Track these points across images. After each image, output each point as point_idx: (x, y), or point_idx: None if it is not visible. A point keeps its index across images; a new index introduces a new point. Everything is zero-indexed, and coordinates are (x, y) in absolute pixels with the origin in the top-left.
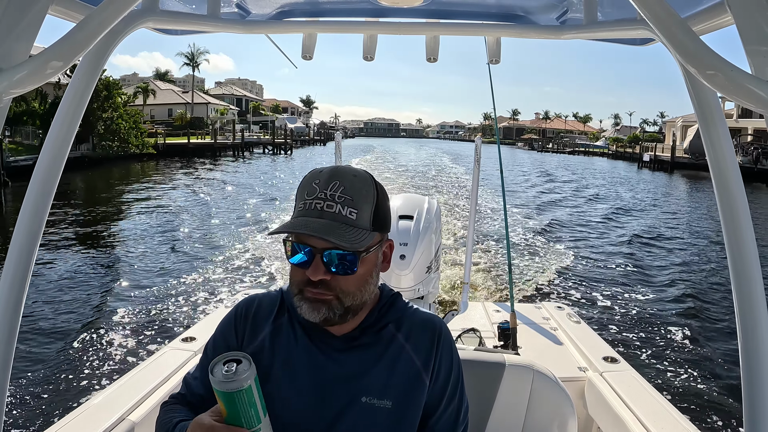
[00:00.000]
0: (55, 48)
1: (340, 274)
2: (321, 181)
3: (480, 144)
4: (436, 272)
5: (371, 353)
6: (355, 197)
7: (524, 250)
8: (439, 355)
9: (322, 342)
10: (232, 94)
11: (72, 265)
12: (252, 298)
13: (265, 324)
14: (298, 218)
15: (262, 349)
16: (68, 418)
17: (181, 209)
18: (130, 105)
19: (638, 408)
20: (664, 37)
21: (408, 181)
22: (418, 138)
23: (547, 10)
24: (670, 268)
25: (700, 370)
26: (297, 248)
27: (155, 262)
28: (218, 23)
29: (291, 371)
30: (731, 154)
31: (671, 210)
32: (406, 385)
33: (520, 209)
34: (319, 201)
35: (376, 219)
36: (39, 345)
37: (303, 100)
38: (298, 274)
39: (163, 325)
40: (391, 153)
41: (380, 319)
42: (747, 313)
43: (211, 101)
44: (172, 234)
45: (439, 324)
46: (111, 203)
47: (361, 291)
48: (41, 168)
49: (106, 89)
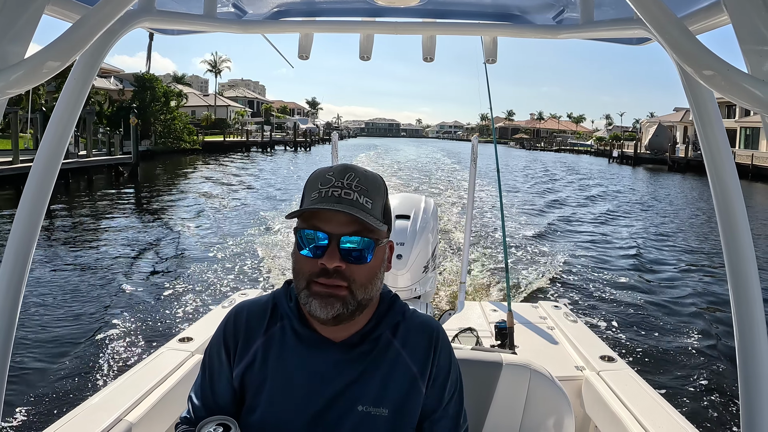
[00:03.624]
0: (52, 48)
1: (355, 264)
2: (335, 173)
3: (476, 144)
4: (433, 272)
5: (368, 361)
6: (370, 188)
7: (520, 249)
8: (437, 360)
9: (318, 351)
10: (245, 97)
11: (72, 264)
12: (240, 307)
13: (257, 335)
14: (315, 203)
15: (254, 362)
16: (65, 418)
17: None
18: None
19: (635, 407)
20: (660, 36)
21: (408, 174)
22: (417, 138)
23: (543, 10)
24: (670, 267)
25: (697, 368)
26: (311, 235)
27: (156, 261)
28: (214, 23)
29: (285, 383)
30: (728, 153)
31: (640, 199)
32: (402, 392)
33: (517, 208)
34: (336, 189)
35: (385, 213)
36: (37, 345)
37: (309, 102)
38: (308, 265)
39: (161, 326)
40: (392, 151)
41: (379, 323)
42: (744, 313)
43: (231, 104)
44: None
45: (436, 328)
46: (175, 189)
47: (372, 284)
48: (38, 167)
49: (164, 96)
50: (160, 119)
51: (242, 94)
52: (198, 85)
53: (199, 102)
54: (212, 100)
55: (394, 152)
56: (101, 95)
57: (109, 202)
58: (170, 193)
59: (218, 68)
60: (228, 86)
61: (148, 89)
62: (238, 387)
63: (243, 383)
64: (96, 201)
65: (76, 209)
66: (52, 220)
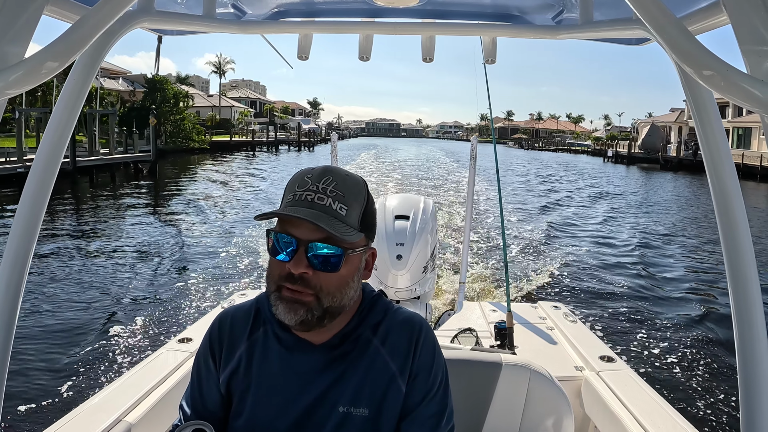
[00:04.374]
0: (51, 48)
1: (322, 271)
2: (313, 176)
3: (476, 144)
4: (433, 272)
5: (347, 361)
6: (347, 194)
7: (520, 249)
8: (417, 356)
9: (300, 353)
10: (248, 97)
11: (71, 264)
12: (225, 314)
13: (240, 341)
14: (287, 207)
15: (239, 368)
16: (65, 419)
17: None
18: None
19: (635, 407)
20: (659, 36)
21: (409, 171)
22: (418, 138)
23: (542, 10)
24: (669, 267)
25: (696, 368)
26: (281, 239)
27: (161, 259)
28: (214, 23)
29: (269, 387)
30: (727, 152)
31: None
32: (381, 391)
33: (516, 207)
34: (310, 193)
35: (364, 221)
36: (36, 345)
37: (310, 102)
38: (278, 269)
39: (160, 326)
40: (393, 150)
41: (360, 323)
42: (743, 312)
43: (235, 105)
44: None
45: (418, 323)
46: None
47: (341, 292)
48: (38, 167)
49: (174, 98)
50: (170, 119)
51: (245, 94)
52: (199, 86)
53: (203, 102)
54: (216, 101)
55: (394, 151)
56: (113, 96)
57: (130, 196)
58: (185, 189)
59: (222, 69)
60: (230, 87)
61: (158, 91)
62: (225, 392)
63: (229, 388)
64: (117, 195)
65: (99, 202)
66: (64, 216)
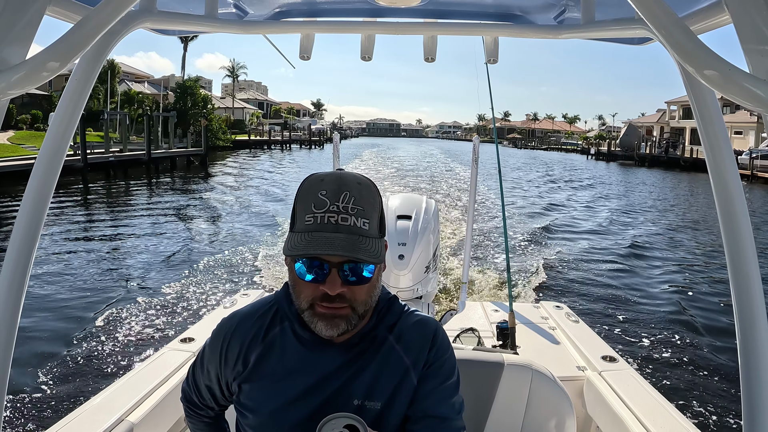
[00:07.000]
0: (53, 49)
1: (356, 285)
2: (329, 193)
3: (478, 144)
4: (435, 272)
5: (364, 357)
6: (366, 207)
7: (521, 249)
8: (432, 354)
9: (320, 352)
10: (256, 99)
11: (71, 263)
12: (233, 317)
13: (255, 344)
14: (313, 234)
15: (254, 367)
16: (67, 419)
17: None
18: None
19: (637, 407)
20: (661, 36)
21: (409, 169)
22: (418, 137)
23: (544, 10)
24: (670, 267)
25: (698, 368)
26: (311, 264)
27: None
28: (216, 23)
29: (286, 384)
30: (729, 151)
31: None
32: (394, 385)
33: (517, 207)
34: (333, 214)
35: (380, 224)
36: (38, 345)
37: (314, 103)
38: (310, 289)
39: (162, 326)
40: (393, 149)
41: (378, 324)
42: (746, 311)
43: (246, 106)
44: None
45: (433, 325)
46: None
47: (371, 297)
48: (40, 167)
49: (203, 100)
50: (199, 121)
51: (253, 96)
52: (205, 86)
53: (216, 104)
54: (229, 103)
55: (395, 150)
56: (150, 100)
57: (190, 182)
58: (228, 176)
59: (236, 73)
60: (239, 88)
61: (188, 95)
62: (237, 391)
63: (241, 387)
64: (174, 183)
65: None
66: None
